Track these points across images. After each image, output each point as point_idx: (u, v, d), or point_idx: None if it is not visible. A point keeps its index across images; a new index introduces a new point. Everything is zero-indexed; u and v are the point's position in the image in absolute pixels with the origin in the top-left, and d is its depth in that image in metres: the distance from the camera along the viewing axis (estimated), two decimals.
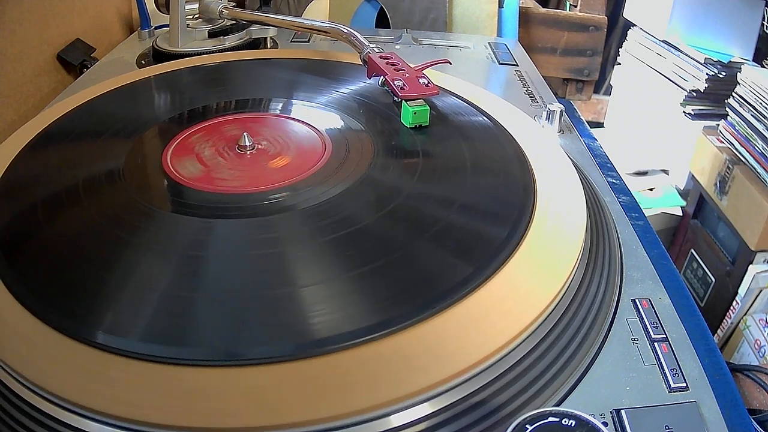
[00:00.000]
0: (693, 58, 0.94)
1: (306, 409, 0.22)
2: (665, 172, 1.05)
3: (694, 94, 0.93)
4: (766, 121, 0.75)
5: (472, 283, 0.27)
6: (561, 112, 0.48)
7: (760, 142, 0.76)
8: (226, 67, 0.54)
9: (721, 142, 0.85)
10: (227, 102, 0.47)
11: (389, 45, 0.68)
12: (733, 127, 0.82)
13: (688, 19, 0.98)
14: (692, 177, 0.92)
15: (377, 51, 0.47)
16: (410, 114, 0.41)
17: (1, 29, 0.54)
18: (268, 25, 0.62)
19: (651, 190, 1.02)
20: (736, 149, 0.81)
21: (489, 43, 0.71)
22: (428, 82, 0.43)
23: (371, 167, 0.37)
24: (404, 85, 0.42)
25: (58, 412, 0.24)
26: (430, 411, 0.23)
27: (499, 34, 0.80)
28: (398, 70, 0.44)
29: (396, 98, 0.43)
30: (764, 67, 0.90)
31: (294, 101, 0.47)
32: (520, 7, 0.83)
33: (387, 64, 0.45)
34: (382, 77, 0.45)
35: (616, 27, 1.21)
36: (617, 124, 1.15)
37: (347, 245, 0.30)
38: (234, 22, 0.64)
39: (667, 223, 0.99)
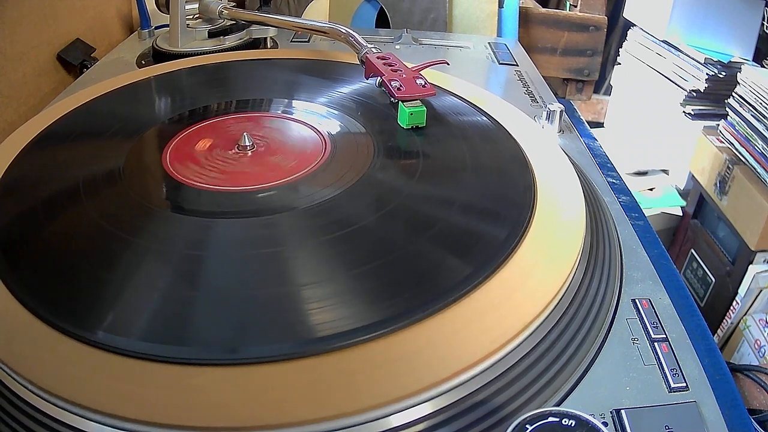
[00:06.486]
0: (693, 58, 0.94)
1: (307, 407, 0.22)
2: (665, 172, 1.05)
3: (694, 94, 0.93)
4: (766, 121, 0.75)
5: (472, 283, 0.27)
6: (561, 112, 0.48)
7: (760, 142, 0.76)
8: (226, 67, 0.54)
9: (721, 142, 0.85)
10: (227, 102, 0.47)
11: (389, 45, 0.68)
12: (733, 127, 0.82)
13: (688, 19, 0.98)
14: (692, 177, 0.92)
15: (375, 51, 0.47)
16: (407, 115, 0.40)
17: (1, 29, 0.54)
18: (268, 25, 0.62)
19: (651, 190, 1.02)
20: (736, 149, 0.81)
21: (489, 43, 0.71)
22: (425, 83, 0.43)
23: (372, 167, 0.37)
24: (401, 86, 0.42)
25: (58, 412, 0.24)
26: (430, 411, 0.23)
27: (499, 34, 0.80)
28: (395, 71, 0.44)
29: (393, 99, 0.43)
30: (764, 67, 0.90)
31: (294, 101, 0.47)
32: (520, 7, 0.83)
33: (384, 64, 0.45)
34: (379, 78, 0.45)
35: (616, 27, 1.21)
36: (617, 124, 1.15)
37: (349, 244, 0.30)
38: (234, 22, 0.64)
39: (667, 223, 0.99)
